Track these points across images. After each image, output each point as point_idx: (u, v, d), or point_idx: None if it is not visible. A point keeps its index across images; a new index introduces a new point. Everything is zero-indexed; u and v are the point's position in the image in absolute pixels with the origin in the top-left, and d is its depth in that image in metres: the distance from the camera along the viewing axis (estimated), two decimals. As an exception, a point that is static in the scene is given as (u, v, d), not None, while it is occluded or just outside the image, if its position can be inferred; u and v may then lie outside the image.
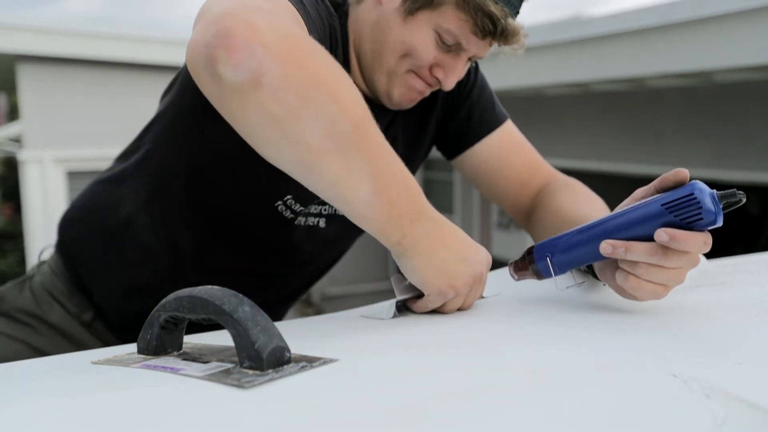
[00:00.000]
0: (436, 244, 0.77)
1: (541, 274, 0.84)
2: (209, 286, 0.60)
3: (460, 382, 0.54)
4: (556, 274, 0.82)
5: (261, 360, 0.56)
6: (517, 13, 0.96)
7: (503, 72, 4.37)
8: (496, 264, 0.94)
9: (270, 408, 0.49)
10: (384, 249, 0.79)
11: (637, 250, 0.72)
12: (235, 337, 0.57)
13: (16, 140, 8.76)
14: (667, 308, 0.79)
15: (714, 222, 0.69)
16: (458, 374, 0.57)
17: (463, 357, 0.64)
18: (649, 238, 0.72)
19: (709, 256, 1.02)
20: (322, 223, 1.09)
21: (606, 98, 4.43)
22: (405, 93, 1.00)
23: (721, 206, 0.69)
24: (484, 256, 0.81)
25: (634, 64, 3.56)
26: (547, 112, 5.03)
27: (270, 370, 0.56)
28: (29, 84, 6.90)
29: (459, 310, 0.82)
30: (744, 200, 0.70)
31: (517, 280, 0.87)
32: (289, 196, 1.02)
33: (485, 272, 0.82)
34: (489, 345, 0.69)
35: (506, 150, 1.14)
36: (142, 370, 0.60)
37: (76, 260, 1.18)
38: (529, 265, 0.84)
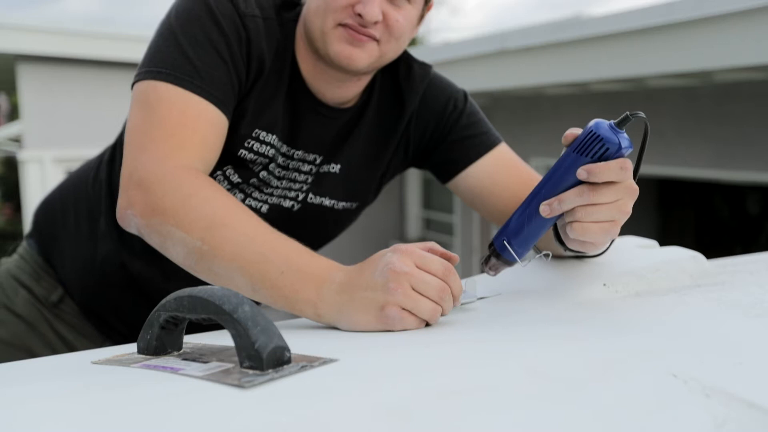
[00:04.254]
0: (351, 292, 0.76)
1: (509, 262, 0.85)
2: (209, 286, 0.60)
3: (460, 382, 0.54)
4: (520, 257, 0.84)
5: (261, 360, 0.56)
6: None
7: (503, 72, 4.38)
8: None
9: (270, 408, 0.49)
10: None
11: (568, 197, 0.78)
12: (235, 337, 0.57)
13: (16, 140, 8.77)
14: (667, 308, 0.79)
15: (619, 146, 0.76)
16: (458, 374, 0.57)
17: (463, 357, 0.64)
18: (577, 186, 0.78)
19: (709, 256, 1.02)
20: (264, 209, 1.11)
21: (606, 98, 4.43)
22: (343, 44, 1.00)
23: (622, 132, 0.76)
24: (404, 265, 0.75)
25: (634, 64, 3.56)
26: (547, 112, 5.03)
27: (270, 370, 0.56)
28: (29, 84, 6.90)
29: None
30: (640, 114, 0.76)
31: (494, 275, 0.88)
32: (228, 166, 1.05)
33: (420, 263, 0.76)
34: (489, 345, 0.69)
35: (499, 171, 1.14)
36: (142, 370, 0.60)
37: (46, 237, 1.24)
38: (495, 258, 0.86)
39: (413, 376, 0.57)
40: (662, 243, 1.05)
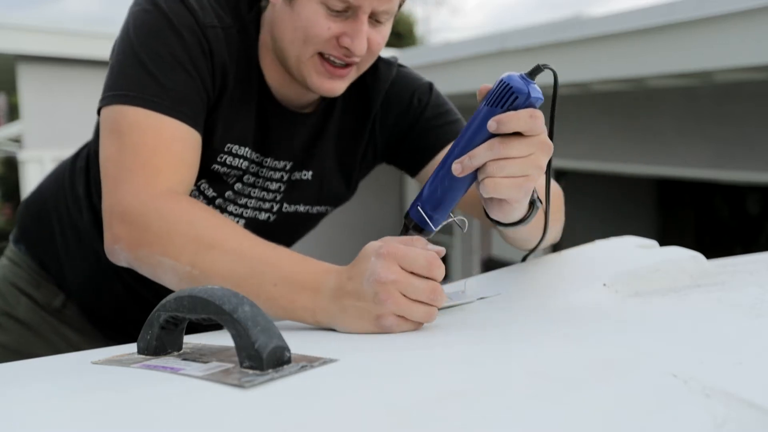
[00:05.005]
0: (343, 300, 0.76)
1: (425, 231, 0.82)
2: (209, 286, 0.60)
3: (460, 382, 0.54)
4: (437, 224, 0.81)
5: (261, 360, 0.56)
6: None
7: (503, 72, 4.37)
8: (494, 264, 0.94)
9: (270, 408, 0.49)
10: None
11: (478, 152, 0.75)
12: (235, 337, 0.57)
13: (16, 140, 8.76)
14: (667, 308, 0.79)
15: (529, 95, 0.74)
16: (458, 374, 0.57)
17: (463, 357, 0.64)
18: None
19: (709, 256, 1.02)
20: (241, 224, 1.10)
21: (606, 98, 4.43)
22: (322, 78, 0.98)
23: (532, 82, 0.75)
24: (390, 272, 0.74)
25: (634, 64, 3.56)
26: (547, 112, 5.03)
27: (270, 370, 0.56)
28: (29, 84, 6.90)
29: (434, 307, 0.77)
30: (549, 67, 0.75)
31: None
32: (203, 181, 1.04)
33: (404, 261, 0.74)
34: (489, 345, 0.68)
35: None
36: (142, 371, 0.60)
37: (36, 243, 1.22)
38: (410, 228, 0.83)
39: (413, 376, 0.57)
40: (662, 243, 1.05)
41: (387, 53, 1.14)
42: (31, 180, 6.92)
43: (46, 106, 6.88)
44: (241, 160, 1.04)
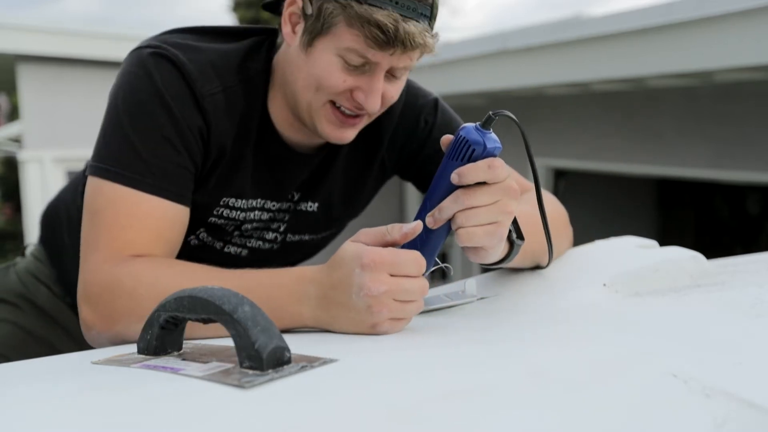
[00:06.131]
0: (333, 311, 0.77)
1: None
2: (209, 286, 0.60)
3: (460, 382, 0.54)
4: (425, 272, 0.81)
5: (261, 360, 0.56)
6: (421, 14, 0.89)
7: (504, 72, 4.37)
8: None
9: (270, 408, 0.49)
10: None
11: (446, 205, 0.77)
12: (235, 337, 0.57)
13: (16, 140, 8.76)
14: (667, 308, 0.79)
15: (485, 146, 0.77)
16: (458, 374, 0.57)
17: (463, 357, 0.64)
18: None
19: (709, 256, 1.02)
20: (244, 253, 1.10)
21: (606, 98, 4.43)
22: (332, 126, 0.96)
23: (488, 132, 0.77)
24: (380, 284, 0.74)
25: (634, 64, 3.55)
26: (547, 112, 5.03)
27: (270, 370, 0.56)
28: (29, 84, 6.90)
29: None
30: (505, 112, 0.76)
31: None
32: (201, 230, 1.04)
33: (384, 262, 0.74)
34: (489, 345, 0.68)
35: None
36: (142, 370, 0.60)
37: (54, 252, 1.22)
38: None
39: (413, 376, 0.57)
40: (662, 243, 1.05)
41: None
42: (31, 180, 6.92)
43: (46, 106, 6.88)
44: (239, 212, 1.04)
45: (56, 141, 6.85)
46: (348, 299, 0.75)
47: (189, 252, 0.99)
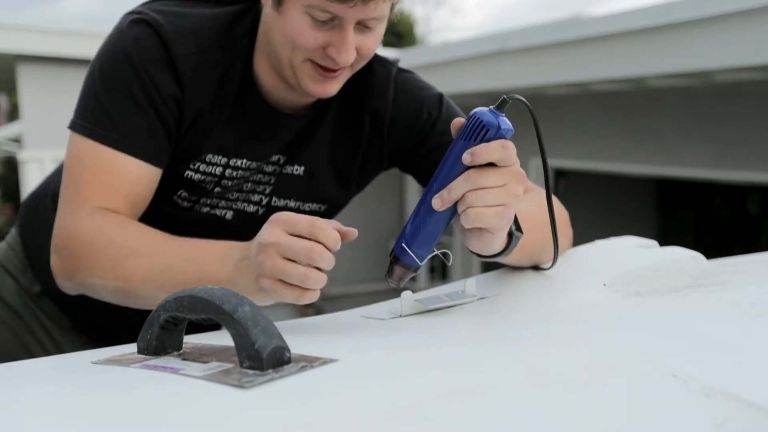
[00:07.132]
0: (241, 268, 0.81)
1: (411, 267, 0.83)
2: (209, 286, 0.60)
3: (459, 383, 0.54)
4: (422, 259, 0.82)
5: (261, 360, 0.56)
6: None
7: (504, 72, 4.37)
8: (495, 264, 0.94)
9: (270, 408, 0.49)
10: (384, 250, 0.79)
11: (456, 184, 0.77)
12: (235, 337, 0.57)
13: (16, 140, 8.76)
14: (667, 308, 0.79)
15: (499, 127, 0.77)
16: (458, 374, 0.57)
17: (463, 357, 0.64)
18: None
19: (709, 256, 1.02)
20: (229, 215, 1.11)
21: (606, 98, 4.43)
22: (314, 82, 0.98)
23: (501, 114, 0.77)
24: (271, 235, 0.77)
25: (634, 64, 3.55)
26: (547, 112, 5.03)
27: (270, 370, 0.56)
28: (29, 84, 6.90)
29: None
30: (517, 96, 0.77)
31: (397, 285, 0.85)
32: (182, 191, 1.06)
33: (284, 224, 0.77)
34: (489, 345, 0.69)
35: None
36: (142, 370, 0.60)
37: (28, 238, 1.25)
38: (396, 265, 0.83)
39: (413, 376, 0.57)
40: (662, 243, 1.05)
41: (387, 53, 1.13)
42: (31, 180, 6.92)
43: (46, 106, 6.88)
44: (216, 167, 1.05)
45: (56, 141, 6.84)
46: (248, 248, 0.80)
47: (176, 215, 1.06)
